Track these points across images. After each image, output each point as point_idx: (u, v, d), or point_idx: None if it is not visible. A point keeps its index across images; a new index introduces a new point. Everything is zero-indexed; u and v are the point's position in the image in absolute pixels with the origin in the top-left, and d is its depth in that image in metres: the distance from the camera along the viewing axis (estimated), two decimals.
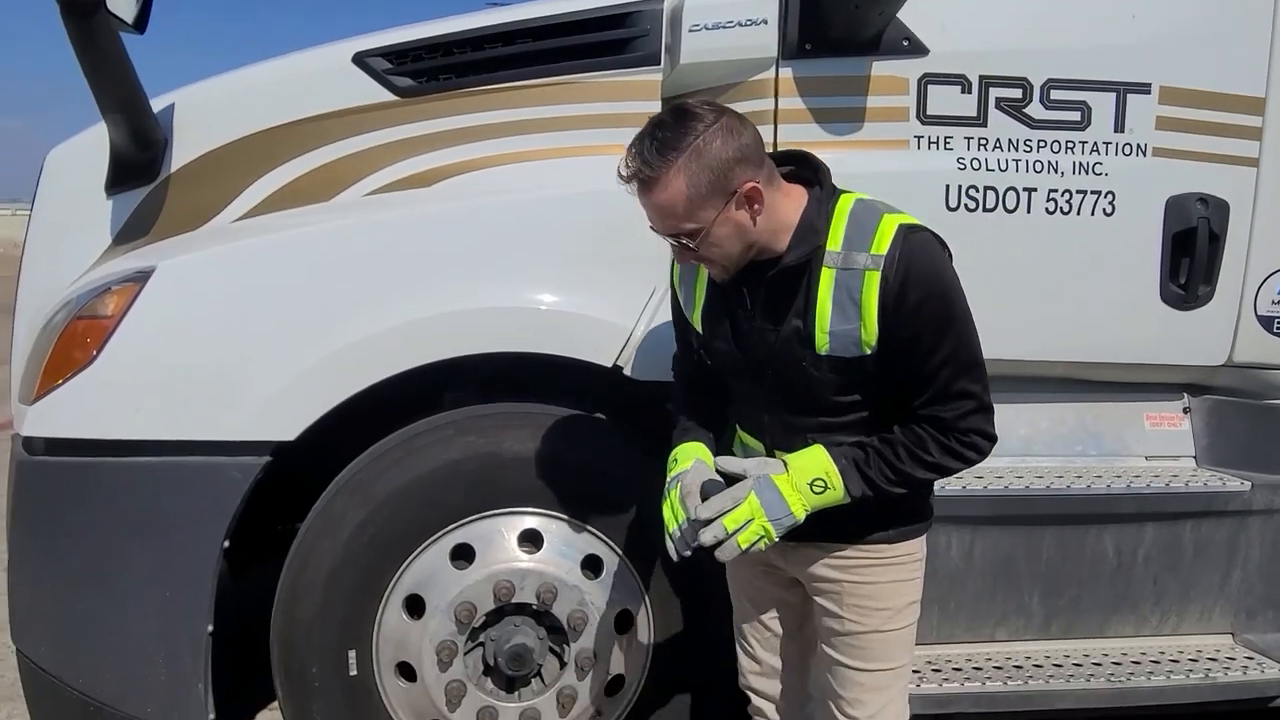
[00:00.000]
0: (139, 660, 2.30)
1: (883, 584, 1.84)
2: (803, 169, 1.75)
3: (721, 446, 1.96)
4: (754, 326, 1.75)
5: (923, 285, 1.62)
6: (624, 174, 1.62)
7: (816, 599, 1.89)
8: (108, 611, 2.29)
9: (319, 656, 2.32)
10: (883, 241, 1.63)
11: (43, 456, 2.29)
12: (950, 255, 1.74)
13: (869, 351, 1.66)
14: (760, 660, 2.05)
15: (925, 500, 1.88)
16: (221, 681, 2.39)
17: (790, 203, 1.69)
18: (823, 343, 1.68)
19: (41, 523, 2.32)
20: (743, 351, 1.79)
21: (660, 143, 1.58)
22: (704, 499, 1.75)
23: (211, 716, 2.34)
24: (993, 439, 1.73)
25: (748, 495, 1.70)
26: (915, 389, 1.68)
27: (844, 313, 1.65)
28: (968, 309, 1.69)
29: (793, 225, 1.67)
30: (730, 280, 1.74)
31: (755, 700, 2.09)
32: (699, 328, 1.88)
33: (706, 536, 1.70)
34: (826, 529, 1.76)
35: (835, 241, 1.66)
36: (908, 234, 1.64)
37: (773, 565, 1.94)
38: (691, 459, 1.87)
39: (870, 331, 1.65)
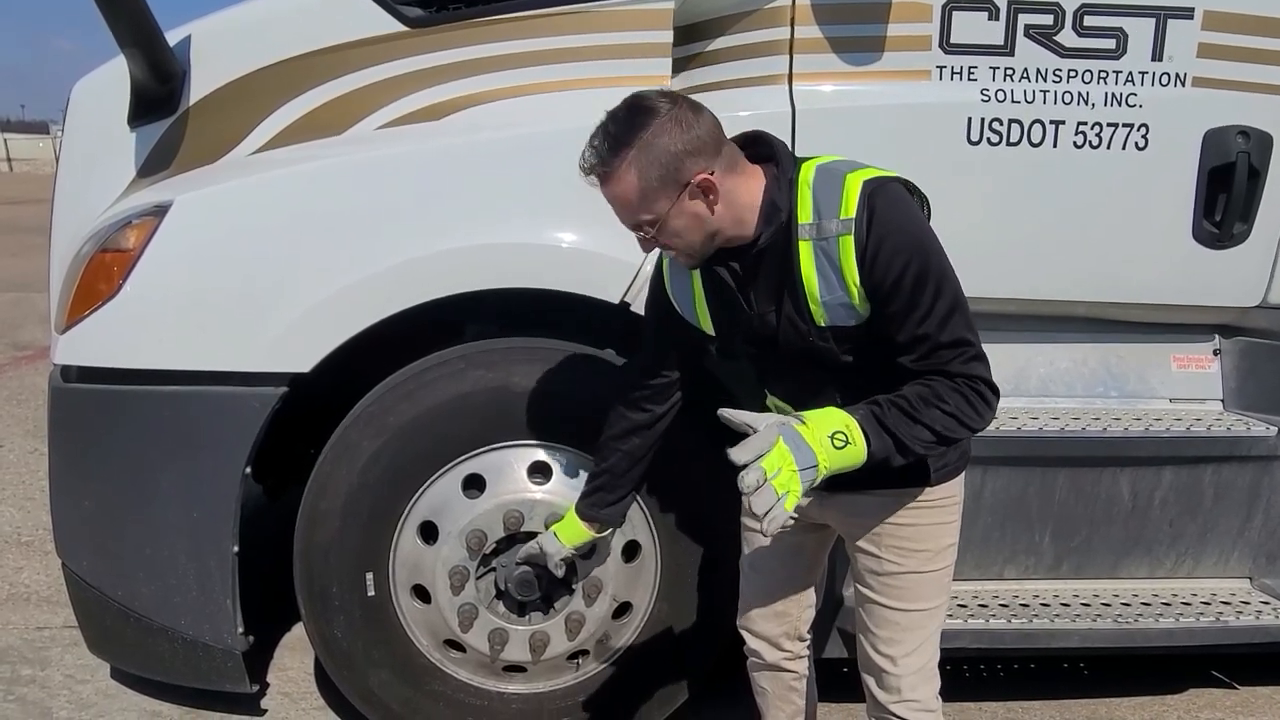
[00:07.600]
0: (172, 576, 2.43)
1: (923, 526, 1.83)
2: (760, 147, 1.71)
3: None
4: (755, 313, 1.75)
5: (895, 238, 1.59)
6: (583, 168, 1.64)
7: (853, 539, 1.90)
8: (141, 530, 2.42)
9: (338, 578, 2.42)
10: (849, 204, 1.60)
11: (75, 384, 2.40)
12: (923, 201, 1.71)
13: (866, 314, 1.65)
14: (763, 602, 2.08)
15: (963, 442, 1.81)
16: (253, 598, 2.51)
17: (753, 184, 1.67)
18: (820, 314, 1.68)
19: (76, 446, 2.44)
20: (752, 340, 1.79)
21: (612, 138, 1.60)
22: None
23: (240, 630, 2.46)
24: (996, 390, 1.68)
25: (776, 439, 1.54)
26: (912, 343, 1.64)
27: (828, 282, 1.65)
28: (942, 254, 1.65)
29: (757, 206, 1.66)
30: (720, 273, 1.74)
31: (751, 641, 2.12)
32: (710, 330, 1.86)
33: (750, 479, 1.50)
34: (865, 474, 1.65)
35: (805, 213, 1.65)
36: (872, 191, 1.61)
37: (803, 510, 1.93)
38: (550, 532, 2.19)
39: (857, 295, 1.63)
